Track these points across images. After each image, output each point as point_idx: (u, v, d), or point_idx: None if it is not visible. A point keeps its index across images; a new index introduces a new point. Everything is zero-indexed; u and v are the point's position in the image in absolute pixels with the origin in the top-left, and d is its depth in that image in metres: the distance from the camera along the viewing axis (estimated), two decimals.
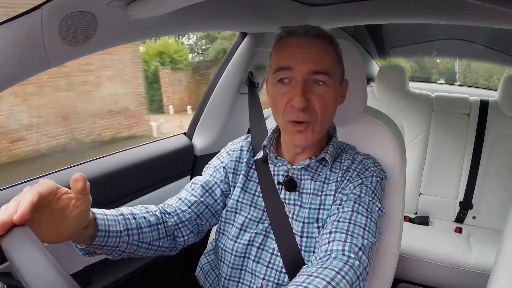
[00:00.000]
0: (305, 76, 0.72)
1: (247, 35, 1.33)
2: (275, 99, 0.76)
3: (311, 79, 0.72)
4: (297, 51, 0.72)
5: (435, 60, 3.63)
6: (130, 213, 0.74)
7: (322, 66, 0.72)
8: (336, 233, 0.68)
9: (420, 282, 1.68)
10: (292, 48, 0.73)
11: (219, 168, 0.87)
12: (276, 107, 0.76)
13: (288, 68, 0.72)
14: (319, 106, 0.73)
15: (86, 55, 0.76)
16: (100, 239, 0.66)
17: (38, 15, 0.62)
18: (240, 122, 1.46)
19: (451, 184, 1.94)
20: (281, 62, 0.73)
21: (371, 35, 2.24)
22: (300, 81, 0.71)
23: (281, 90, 0.74)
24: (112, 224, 0.68)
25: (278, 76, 0.74)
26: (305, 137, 0.74)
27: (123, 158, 1.13)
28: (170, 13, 0.79)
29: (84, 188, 0.55)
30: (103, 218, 0.67)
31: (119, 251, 0.71)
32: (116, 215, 0.70)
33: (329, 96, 0.74)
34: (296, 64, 0.72)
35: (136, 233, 0.72)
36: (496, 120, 1.90)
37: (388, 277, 0.88)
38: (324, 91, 0.73)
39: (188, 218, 0.81)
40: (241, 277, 0.82)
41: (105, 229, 0.66)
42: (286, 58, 0.73)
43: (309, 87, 0.72)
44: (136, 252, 0.74)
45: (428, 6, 1.20)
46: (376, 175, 0.79)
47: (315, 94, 0.72)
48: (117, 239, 0.68)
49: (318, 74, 0.72)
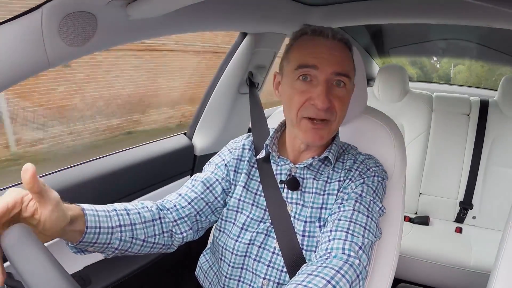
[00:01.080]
0: (328, 77, 0.73)
1: (247, 35, 1.32)
2: (292, 95, 0.76)
3: (333, 80, 0.73)
4: (323, 51, 0.73)
5: (435, 65, 4.07)
6: (123, 209, 0.72)
7: (345, 69, 0.74)
8: (336, 231, 0.68)
9: (420, 282, 1.68)
10: (318, 47, 0.74)
11: (220, 166, 0.87)
12: (292, 103, 0.76)
13: (314, 66, 0.73)
14: (339, 106, 0.74)
15: (86, 55, 0.76)
16: (90, 235, 0.64)
17: (38, 15, 0.62)
18: (240, 122, 1.46)
19: (451, 184, 1.94)
20: (306, 60, 0.74)
21: (371, 35, 2.24)
22: (324, 81, 0.72)
23: (301, 87, 0.74)
24: (103, 220, 0.66)
25: (299, 72, 0.74)
26: (321, 136, 0.75)
27: (123, 158, 1.13)
28: (170, 13, 0.79)
29: (34, 179, 0.50)
30: (93, 214, 0.65)
31: (111, 248, 0.69)
32: (108, 210, 0.69)
33: (346, 98, 0.76)
34: (322, 64, 0.72)
35: (129, 229, 0.71)
36: (496, 120, 1.91)
37: (388, 277, 0.88)
38: (343, 92, 0.75)
39: (188, 214, 0.80)
40: (242, 276, 0.82)
41: (95, 225, 0.65)
42: (312, 57, 0.73)
43: (330, 88, 0.73)
44: (130, 249, 0.72)
45: (428, 6, 1.20)
46: (378, 175, 0.79)
47: (335, 95, 0.74)
48: (108, 235, 0.67)
49: (340, 75, 0.73)
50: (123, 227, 0.70)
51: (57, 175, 0.96)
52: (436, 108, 2.04)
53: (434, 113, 2.04)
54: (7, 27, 0.61)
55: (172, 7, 0.77)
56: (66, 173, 0.98)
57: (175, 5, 0.77)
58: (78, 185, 0.96)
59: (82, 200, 0.95)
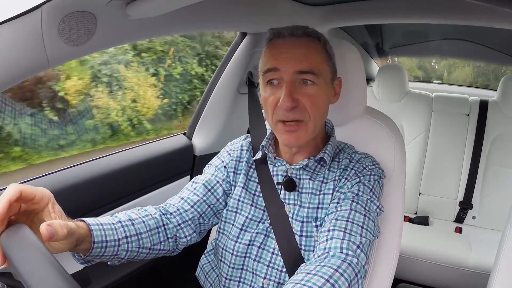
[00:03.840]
0: (292, 76, 0.72)
1: (247, 35, 1.32)
2: (265, 100, 0.76)
3: (298, 79, 0.72)
4: (283, 52, 0.73)
5: (434, 67, 4.51)
6: (128, 219, 0.72)
7: (308, 66, 0.72)
8: (334, 231, 0.68)
9: (420, 282, 1.68)
10: (278, 49, 0.74)
11: (220, 167, 0.87)
12: (266, 108, 0.76)
13: (275, 69, 0.73)
14: (309, 105, 0.73)
15: (86, 55, 0.77)
16: (97, 250, 0.65)
17: (37, 14, 0.62)
18: (240, 122, 1.46)
19: (451, 184, 1.94)
20: (268, 64, 0.74)
21: (371, 35, 2.24)
22: (287, 82, 0.72)
23: (270, 91, 0.75)
24: (109, 233, 0.66)
25: (266, 77, 0.75)
26: (297, 137, 0.75)
27: (123, 158, 1.13)
28: (170, 13, 0.79)
29: (52, 236, 0.51)
30: (99, 229, 0.65)
31: (118, 258, 0.70)
32: (113, 223, 0.69)
33: (318, 94, 0.73)
34: (282, 65, 0.72)
35: (135, 240, 0.71)
36: (496, 120, 1.90)
37: (388, 277, 0.88)
38: (313, 90, 0.73)
39: (191, 217, 0.81)
40: (242, 277, 0.82)
41: (101, 239, 0.65)
42: (273, 60, 0.73)
43: (297, 87, 0.72)
44: (137, 257, 0.74)
45: (428, 6, 1.20)
46: (374, 173, 0.79)
47: (303, 94, 0.72)
48: (115, 248, 0.68)
49: (304, 73, 0.72)
50: (129, 238, 0.70)
51: (57, 175, 0.95)
52: (435, 108, 2.04)
53: (433, 113, 2.03)
54: (7, 26, 0.60)
55: (172, 7, 0.77)
56: (65, 173, 0.98)
57: (175, 5, 0.76)
58: (77, 185, 0.96)
59: (81, 200, 0.94)
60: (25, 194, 0.52)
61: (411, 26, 1.98)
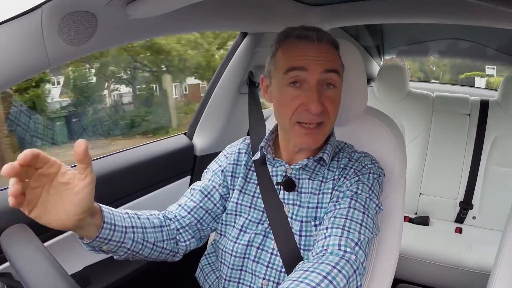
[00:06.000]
0: (320, 76, 0.72)
1: (247, 35, 1.32)
2: (282, 101, 0.75)
3: (323, 81, 0.73)
4: (311, 54, 0.73)
5: (432, 68, 4.81)
6: (134, 213, 0.75)
7: (334, 65, 0.74)
8: (332, 228, 0.69)
9: (420, 282, 1.68)
10: (305, 50, 0.73)
11: (217, 172, 0.87)
12: (284, 109, 0.75)
13: (303, 68, 0.72)
14: (331, 108, 0.74)
15: (86, 54, 0.77)
16: (106, 231, 0.65)
17: (38, 14, 0.62)
18: (240, 122, 1.46)
19: (451, 184, 1.93)
20: (294, 62, 0.73)
21: (371, 35, 2.23)
22: (314, 85, 0.72)
23: (292, 93, 0.74)
24: (117, 219, 0.68)
25: (290, 76, 0.73)
26: (316, 139, 0.76)
27: (124, 158, 1.13)
28: (170, 13, 0.79)
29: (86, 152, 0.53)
30: (109, 212, 0.67)
31: (124, 248, 0.70)
32: (121, 212, 0.71)
33: (338, 98, 0.77)
34: (311, 65, 0.72)
35: (141, 232, 0.73)
36: (497, 120, 1.90)
37: (388, 277, 0.88)
38: (334, 93, 0.75)
39: (188, 223, 0.82)
40: (241, 278, 0.82)
41: (111, 222, 0.66)
42: (300, 59, 0.73)
43: (321, 91, 0.73)
44: (141, 251, 0.74)
45: (428, 6, 1.20)
46: (373, 172, 0.79)
47: (327, 97, 0.74)
48: (122, 234, 0.68)
49: (330, 72, 0.73)
50: (135, 229, 0.71)
51: None
52: (436, 108, 2.04)
53: (434, 113, 2.03)
54: (7, 26, 0.60)
55: (172, 7, 0.77)
56: None
57: (175, 5, 0.77)
58: None
59: None
60: (42, 155, 0.53)
61: (411, 26, 1.98)
